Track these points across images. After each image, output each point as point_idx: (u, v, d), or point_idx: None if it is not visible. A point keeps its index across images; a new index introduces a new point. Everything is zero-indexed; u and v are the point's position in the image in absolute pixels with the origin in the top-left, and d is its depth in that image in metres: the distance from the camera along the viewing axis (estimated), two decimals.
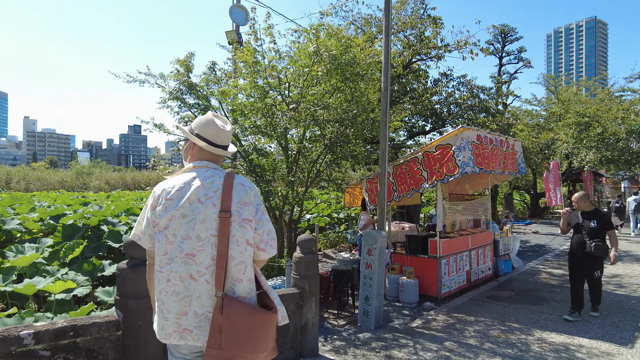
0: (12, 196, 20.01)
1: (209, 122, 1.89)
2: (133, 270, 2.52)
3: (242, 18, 8.42)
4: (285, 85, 5.91)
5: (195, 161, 1.88)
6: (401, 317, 5.93)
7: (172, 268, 1.70)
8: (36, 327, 2.22)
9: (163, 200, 1.75)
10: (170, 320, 1.71)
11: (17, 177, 41.42)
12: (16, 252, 7.53)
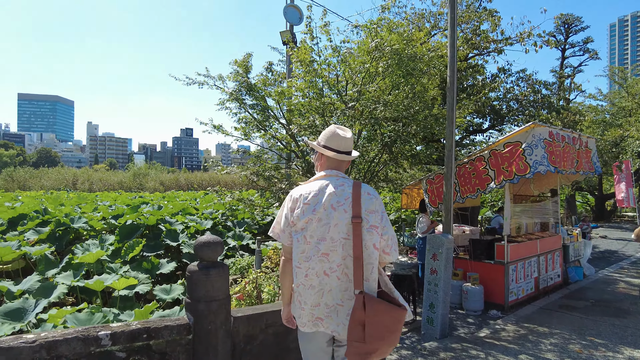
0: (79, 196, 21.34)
1: (333, 133, 2.13)
2: (204, 272, 2.44)
3: (296, 18, 8.36)
4: (343, 83, 5.74)
5: (326, 170, 2.13)
6: (466, 326, 5.59)
7: (310, 265, 1.95)
8: (112, 328, 2.19)
9: (301, 204, 1.99)
10: (306, 310, 1.98)
11: (82, 179, 44.40)
12: (83, 250, 7.91)
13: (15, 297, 6.20)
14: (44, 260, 7.29)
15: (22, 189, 41.11)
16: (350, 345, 1.82)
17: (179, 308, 4.50)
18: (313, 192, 1.99)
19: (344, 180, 2.06)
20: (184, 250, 8.63)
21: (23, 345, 1.89)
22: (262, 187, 5.94)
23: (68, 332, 2.08)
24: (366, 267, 1.90)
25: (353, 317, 1.82)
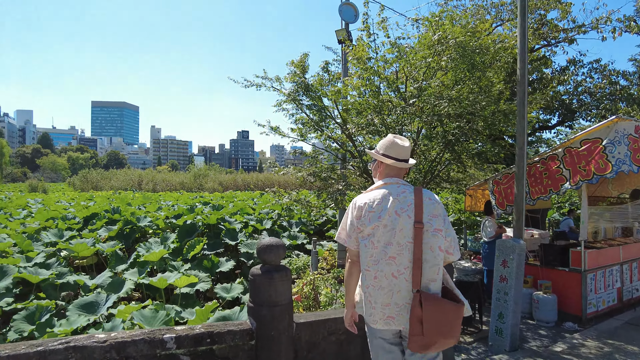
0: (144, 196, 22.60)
1: (392, 142, 2.26)
2: (267, 276, 2.37)
3: (351, 16, 8.21)
4: (402, 80, 5.52)
5: (386, 178, 2.25)
6: (538, 338, 5.16)
7: (379, 268, 2.07)
8: (177, 331, 2.18)
9: (366, 212, 2.12)
10: (377, 309, 2.10)
11: (146, 179, 47.19)
12: (146, 248, 8.28)
13: (90, 290, 6.60)
14: (114, 257, 7.70)
15: (95, 189, 44.44)
16: (411, 339, 2.01)
17: (239, 308, 4.51)
18: (377, 200, 2.12)
19: (405, 187, 2.19)
20: (241, 249, 8.78)
21: (95, 345, 1.92)
22: (319, 188, 5.86)
23: (135, 333, 2.09)
24: (432, 269, 2.06)
25: (412, 314, 1.99)
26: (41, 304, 5.47)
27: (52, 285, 6.78)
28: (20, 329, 5.02)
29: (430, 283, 2.06)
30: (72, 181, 52.01)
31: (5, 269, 6.48)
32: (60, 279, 6.76)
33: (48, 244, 8.58)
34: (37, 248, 8.01)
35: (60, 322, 5.06)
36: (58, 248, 8.13)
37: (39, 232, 9.47)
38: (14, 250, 7.79)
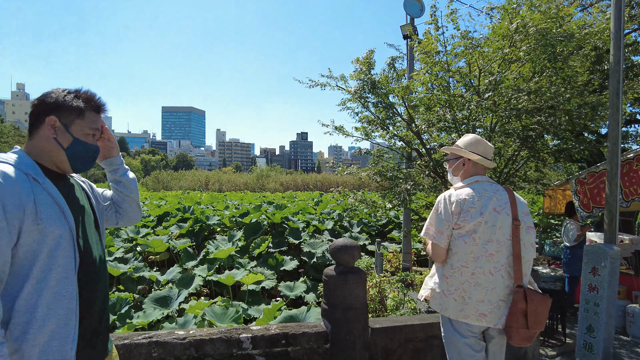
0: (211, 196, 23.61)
1: (478, 140, 2.32)
2: (341, 278, 2.28)
3: (417, 10, 7.94)
4: (474, 73, 5.20)
5: (475, 176, 2.28)
6: (634, 356, 4.61)
7: (478, 264, 2.12)
8: (253, 331, 2.15)
9: (467, 208, 2.14)
10: (470, 305, 2.13)
11: (212, 180, 49.45)
12: (215, 246, 8.57)
13: (163, 285, 6.93)
14: (184, 253, 8.05)
15: (166, 189, 47.32)
16: (515, 333, 2.06)
17: (305, 308, 4.48)
18: (476, 197, 2.15)
19: (497, 185, 2.25)
20: (304, 249, 8.81)
21: (175, 342, 1.94)
22: (385, 188, 5.69)
23: (213, 332, 2.09)
24: (525, 265, 2.14)
25: (516, 308, 2.06)
26: (121, 296, 5.81)
27: (130, 279, 7.21)
28: None
29: (524, 278, 2.14)
30: (145, 182, 55.83)
31: None
32: (136, 273, 7.17)
33: (126, 239, 9.17)
34: (117, 243, 8.58)
35: (137, 314, 5.35)
36: (135, 244, 8.64)
37: (117, 229, 10.16)
38: None
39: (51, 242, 1.31)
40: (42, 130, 1.45)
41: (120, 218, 1.78)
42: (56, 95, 1.47)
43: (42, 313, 1.28)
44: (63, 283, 1.33)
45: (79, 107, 1.49)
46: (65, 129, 1.46)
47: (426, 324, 2.64)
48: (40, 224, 1.29)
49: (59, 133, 1.46)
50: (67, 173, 1.54)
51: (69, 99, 1.47)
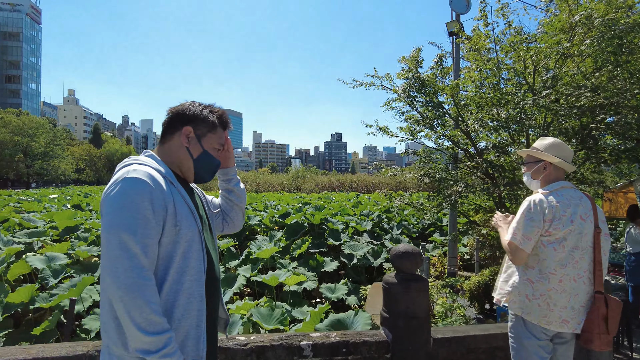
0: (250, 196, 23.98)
1: (558, 143, 2.29)
2: (404, 285, 2.19)
3: (462, 6, 7.69)
4: (529, 70, 4.94)
5: (559, 181, 2.27)
6: None
7: (565, 272, 2.14)
8: (313, 339, 2.10)
9: (559, 215, 2.13)
10: (555, 311, 2.14)
11: (250, 180, 50.31)
12: (257, 246, 8.63)
13: None
14: (228, 253, 8.16)
15: (205, 189, 48.59)
16: (596, 338, 2.09)
17: (353, 312, 4.40)
18: (566, 204, 2.16)
19: (579, 191, 2.26)
20: (345, 250, 8.73)
21: (237, 347, 1.92)
22: (434, 189, 5.52)
23: (273, 338, 2.05)
24: (603, 271, 2.19)
25: (597, 314, 2.09)
26: None
27: None
28: None
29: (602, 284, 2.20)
30: None
31: None
32: None
33: None
34: None
35: None
36: None
37: None
38: None
39: (184, 244, 1.36)
40: (176, 138, 1.53)
41: (226, 225, 1.84)
42: (194, 107, 1.56)
43: (178, 314, 1.32)
44: (195, 285, 1.38)
45: (213, 122, 1.57)
46: (197, 140, 1.54)
47: (489, 334, 2.50)
48: (177, 226, 1.35)
49: (192, 143, 1.53)
50: (187, 181, 1.61)
51: (205, 112, 1.56)
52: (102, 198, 1.31)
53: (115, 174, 1.37)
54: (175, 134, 1.53)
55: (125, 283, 1.19)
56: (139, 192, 1.27)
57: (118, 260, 1.21)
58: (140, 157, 1.47)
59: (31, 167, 66.52)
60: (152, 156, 1.48)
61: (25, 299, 5.28)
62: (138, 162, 1.41)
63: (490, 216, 6.00)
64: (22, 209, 13.59)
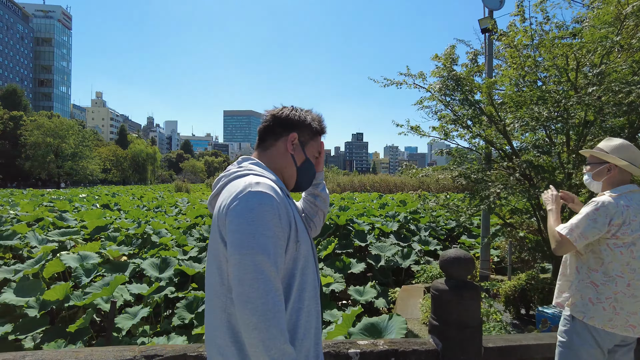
0: None
1: (626, 145, 2.20)
2: (456, 293, 2.09)
3: (496, 2, 7.45)
4: (572, 66, 4.73)
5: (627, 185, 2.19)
6: None
7: (635, 276, 2.08)
8: (360, 346, 2.02)
9: (629, 221, 2.06)
10: (621, 315, 2.08)
11: None
12: None
13: None
14: None
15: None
16: None
17: (387, 317, 4.29)
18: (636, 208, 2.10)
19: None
20: (372, 252, 8.61)
21: None
22: (469, 191, 5.35)
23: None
24: None
25: None
26: (198, 295, 5.96)
27: (204, 277, 7.41)
28: (182, 316, 5.51)
29: None
30: (210, 182, 58.37)
31: (168, 260, 7.27)
32: None
33: (198, 238, 9.48)
34: (191, 242, 8.89)
35: None
36: (207, 243, 8.91)
37: (190, 228, 10.56)
38: (172, 244, 8.75)
39: (302, 259, 1.31)
40: (280, 144, 1.46)
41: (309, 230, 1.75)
42: (298, 113, 1.49)
43: (300, 334, 1.27)
44: (312, 302, 1.34)
45: (315, 129, 1.51)
46: (301, 147, 1.48)
47: (543, 344, 2.37)
48: (298, 241, 1.29)
49: (296, 150, 1.47)
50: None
51: (309, 119, 1.50)
52: (225, 212, 1.22)
53: (230, 185, 1.29)
54: (279, 140, 1.46)
55: (261, 310, 1.10)
56: (268, 208, 1.18)
57: (253, 285, 1.11)
58: (247, 164, 1.39)
59: (61, 167, 68.74)
60: (259, 164, 1.40)
61: (60, 297, 5.38)
62: (253, 172, 1.33)
63: (527, 218, 5.79)
64: (55, 208, 13.99)
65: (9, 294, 5.57)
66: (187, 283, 7.23)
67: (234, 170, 1.37)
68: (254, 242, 1.14)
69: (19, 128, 65.58)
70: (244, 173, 1.32)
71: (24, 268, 6.26)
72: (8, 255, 7.75)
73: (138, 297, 6.27)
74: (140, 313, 5.24)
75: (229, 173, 1.36)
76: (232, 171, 1.37)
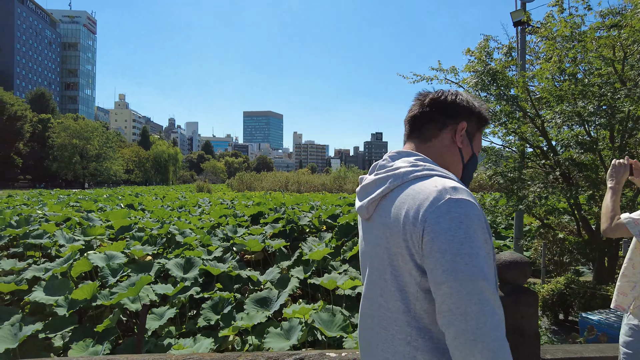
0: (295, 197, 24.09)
1: None
2: (512, 298, 1.93)
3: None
4: (619, 57, 4.46)
5: None
6: None
7: None
8: None
9: None
10: None
11: (292, 181, 50.68)
12: (308, 247, 8.49)
13: (259, 285, 6.96)
14: (280, 253, 8.07)
15: (249, 189, 49.46)
16: None
17: None
18: None
19: None
20: None
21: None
22: (507, 190, 5.12)
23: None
24: None
25: None
26: (223, 296, 5.89)
27: (228, 277, 7.35)
28: (208, 317, 5.44)
29: None
30: (230, 182, 58.83)
31: (192, 261, 7.24)
32: (235, 271, 7.31)
33: (222, 238, 9.46)
34: (215, 242, 8.86)
35: (241, 316, 5.34)
36: (232, 243, 8.87)
37: (214, 228, 10.56)
38: (197, 244, 8.74)
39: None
40: (445, 135, 1.20)
41: None
42: (464, 98, 1.22)
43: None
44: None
45: (485, 119, 1.24)
46: (469, 141, 1.22)
47: (604, 357, 2.17)
48: (492, 257, 1.07)
49: (464, 143, 1.21)
50: None
51: (477, 105, 1.22)
52: (420, 225, 0.97)
53: (411, 188, 1.05)
54: (443, 130, 1.19)
55: (494, 348, 0.90)
56: (476, 220, 0.95)
57: (480, 319, 0.90)
58: (420, 162, 1.12)
59: (86, 168, 70.51)
60: (426, 159, 1.15)
61: (88, 296, 5.38)
62: (436, 172, 1.07)
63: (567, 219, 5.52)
64: (81, 208, 14.24)
65: (39, 292, 5.62)
66: (211, 283, 7.18)
67: (407, 168, 1.11)
68: (472, 265, 0.92)
69: (47, 130, 67.65)
70: (425, 174, 1.07)
71: (53, 267, 6.32)
72: (38, 253, 7.86)
73: (163, 297, 6.25)
74: (166, 314, 5.20)
75: (400, 172, 1.10)
76: (404, 170, 1.11)
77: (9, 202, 16.50)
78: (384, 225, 1.08)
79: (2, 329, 4.65)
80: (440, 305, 0.95)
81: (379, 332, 1.11)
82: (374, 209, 1.16)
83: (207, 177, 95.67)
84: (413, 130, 1.25)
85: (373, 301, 1.13)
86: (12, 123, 61.32)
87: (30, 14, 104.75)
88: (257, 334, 4.97)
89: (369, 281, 1.16)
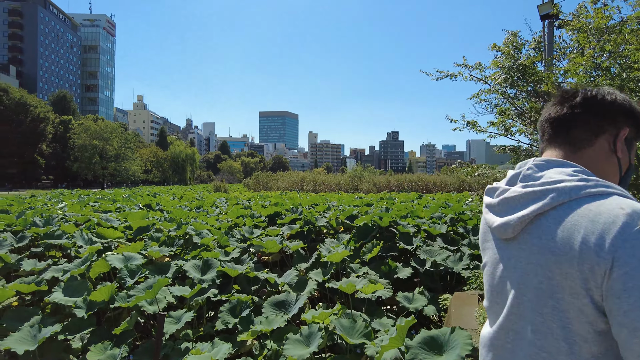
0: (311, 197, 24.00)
1: None
2: None
3: None
4: None
5: None
6: None
7: None
8: None
9: None
10: None
11: (307, 180, 50.62)
12: (326, 248, 8.33)
13: (277, 287, 6.84)
14: (297, 255, 7.94)
15: (265, 189, 49.56)
16: None
17: (449, 330, 3.92)
18: None
19: None
20: (420, 256, 8.19)
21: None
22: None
23: None
24: None
25: None
26: (241, 299, 5.78)
27: (246, 279, 7.25)
28: (226, 321, 5.34)
29: None
30: (246, 182, 59.10)
31: (210, 262, 7.17)
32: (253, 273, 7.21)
33: (239, 239, 9.39)
34: (232, 243, 8.79)
35: (260, 320, 5.22)
36: (249, 244, 8.78)
37: (231, 229, 10.50)
38: (214, 244, 8.68)
39: None
40: (601, 143, 1.03)
41: None
42: (624, 97, 1.06)
43: None
44: None
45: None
46: (627, 149, 1.05)
47: None
48: None
49: (624, 152, 1.04)
50: None
51: (636, 106, 1.05)
52: (609, 255, 0.81)
53: (585, 208, 0.88)
54: (599, 136, 1.03)
55: None
56: None
57: None
58: (575, 172, 0.96)
59: (106, 168, 71.82)
60: (586, 171, 0.97)
61: (106, 298, 5.34)
62: (611, 188, 0.90)
63: None
64: (99, 208, 14.38)
65: (58, 293, 5.60)
66: (229, 285, 7.09)
67: (573, 182, 0.93)
68: None
69: (68, 131, 69.18)
70: (600, 191, 0.90)
71: (72, 268, 6.31)
72: (58, 254, 7.90)
73: (180, 299, 6.18)
74: (184, 317, 5.12)
75: (566, 187, 0.93)
76: (570, 184, 0.93)
77: (31, 202, 16.79)
78: (544, 249, 0.92)
79: (22, 331, 4.63)
80: (632, 353, 0.78)
81: None
82: (523, 227, 0.98)
83: (224, 177, 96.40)
84: (558, 135, 1.08)
85: (519, 336, 0.98)
86: (35, 125, 62.93)
87: (52, 18, 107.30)
88: (275, 339, 4.85)
89: (512, 312, 1.00)
